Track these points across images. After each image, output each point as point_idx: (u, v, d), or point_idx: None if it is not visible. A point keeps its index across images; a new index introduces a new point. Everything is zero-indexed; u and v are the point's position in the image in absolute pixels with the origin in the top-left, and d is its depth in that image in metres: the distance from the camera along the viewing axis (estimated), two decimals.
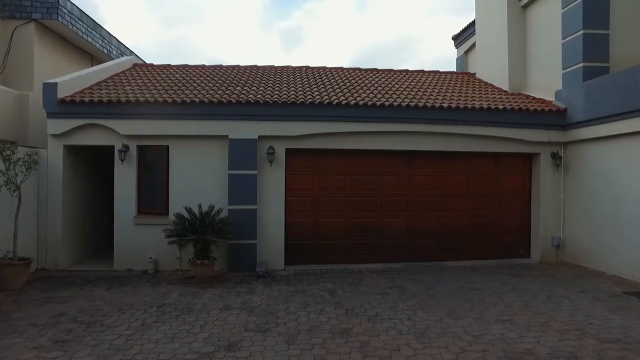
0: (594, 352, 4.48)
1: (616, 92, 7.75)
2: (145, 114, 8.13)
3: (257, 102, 8.29)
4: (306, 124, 8.46)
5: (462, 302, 6.22)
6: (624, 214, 7.70)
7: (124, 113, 8.08)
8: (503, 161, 9.42)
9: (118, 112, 8.07)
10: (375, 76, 11.49)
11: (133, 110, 8.08)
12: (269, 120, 8.39)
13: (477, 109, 8.79)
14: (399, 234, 9.11)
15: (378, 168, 9.07)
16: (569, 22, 9.15)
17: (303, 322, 5.35)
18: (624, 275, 7.65)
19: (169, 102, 8.09)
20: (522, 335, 4.94)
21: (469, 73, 13.09)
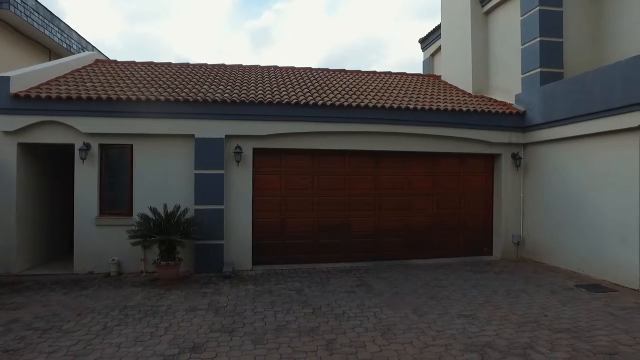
0: (547, 341, 4.70)
1: (568, 97, 8.16)
2: (108, 112, 7.87)
3: (224, 101, 8.19)
4: (274, 123, 8.44)
5: (427, 299, 6.38)
6: (577, 212, 8.10)
7: (85, 110, 7.79)
8: (466, 161, 9.72)
9: (79, 109, 7.77)
10: (343, 77, 11.59)
11: (95, 107, 7.81)
12: (236, 120, 8.31)
13: (441, 110, 9.03)
14: (366, 233, 9.23)
15: (345, 168, 9.16)
16: (527, 29, 9.56)
17: (270, 322, 5.34)
18: (576, 270, 8.06)
19: (133, 99, 7.87)
20: (483, 329, 5.11)
21: (434, 75, 13.42)
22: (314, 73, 11.85)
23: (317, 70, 12.23)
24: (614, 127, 7.16)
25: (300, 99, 8.63)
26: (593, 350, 4.48)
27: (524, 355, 4.35)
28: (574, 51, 9.45)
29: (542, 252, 9.01)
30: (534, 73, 9.29)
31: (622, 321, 5.39)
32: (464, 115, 9.18)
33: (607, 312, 5.77)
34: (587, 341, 4.72)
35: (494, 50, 11.15)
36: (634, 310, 5.83)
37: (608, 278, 7.38)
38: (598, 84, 7.45)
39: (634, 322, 5.35)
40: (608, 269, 7.39)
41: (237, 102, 8.24)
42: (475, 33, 11.35)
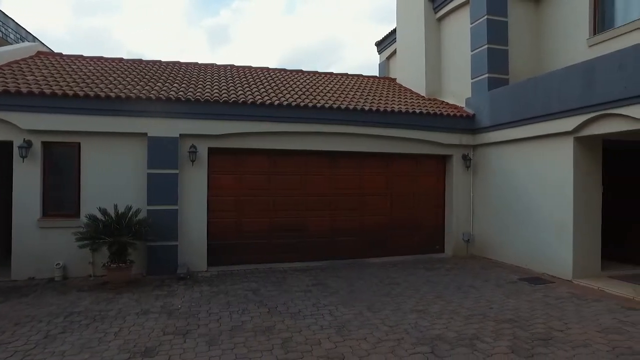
0: (492, 332, 4.97)
1: (513, 102, 8.64)
2: (52, 108, 7.44)
3: (179, 100, 8.01)
4: (230, 123, 8.33)
5: (381, 296, 6.54)
6: (520, 210, 8.59)
7: (25, 105, 7.32)
8: (420, 162, 10.04)
9: (17, 104, 7.28)
10: (300, 78, 11.64)
11: (36, 102, 7.36)
12: (191, 119, 8.14)
13: (395, 112, 9.28)
14: (322, 233, 9.32)
15: (302, 168, 9.20)
16: (476, 37, 10.04)
17: (225, 322, 5.28)
18: (520, 264, 8.55)
19: (80, 95, 7.51)
20: (434, 322, 5.32)
21: (390, 78, 13.78)
22: (270, 73, 11.81)
23: (274, 71, 12.20)
24: (552, 130, 7.67)
25: (256, 99, 8.58)
26: (531, 337, 4.79)
27: (471, 346, 4.57)
28: (518, 59, 10.05)
29: (490, 248, 9.48)
30: (482, 78, 9.77)
31: (556, 310, 5.80)
32: (418, 118, 9.49)
33: (545, 302, 6.17)
34: (526, 329, 5.04)
35: (446, 55, 11.61)
36: (567, 299, 6.30)
37: (547, 271, 7.88)
38: (538, 91, 7.95)
39: (566, 310, 5.78)
40: (547, 263, 7.89)
41: (191, 100, 8.07)
42: (429, 38, 11.78)
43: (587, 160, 7.52)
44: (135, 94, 7.85)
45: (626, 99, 6.30)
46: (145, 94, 7.91)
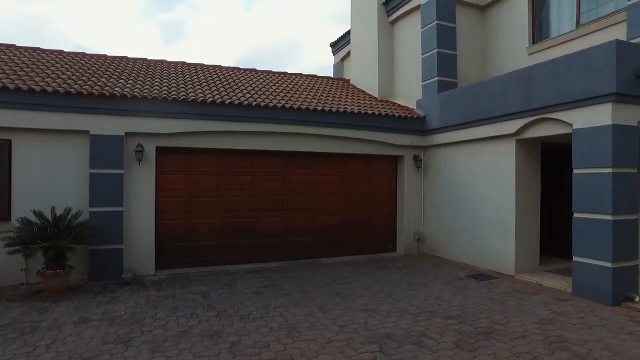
0: (439, 328, 5.11)
1: (460, 104, 8.96)
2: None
3: (124, 96, 7.64)
4: (180, 121, 8.06)
5: (333, 296, 6.56)
6: (467, 209, 8.93)
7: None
8: (372, 162, 10.18)
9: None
10: (253, 77, 11.48)
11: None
12: (138, 116, 7.79)
13: (348, 112, 9.36)
14: (276, 233, 9.23)
15: (255, 168, 9.08)
16: (426, 41, 10.33)
17: (171, 328, 5.08)
18: (467, 262, 8.88)
19: (10, 88, 6.95)
20: (383, 321, 5.38)
21: (344, 79, 13.90)
22: (223, 71, 11.57)
23: (227, 69, 11.96)
24: (495, 133, 8.03)
25: (207, 97, 8.36)
26: (475, 332, 4.96)
27: (418, 343, 4.67)
28: (466, 63, 10.45)
29: (440, 247, 9.78)
30: (432, 81, 10.07)
31: (499, 304, 6.06)
32: (370, 118, 9.62)
33: (489, 297, 6.44)
34: (471, 324, 5.22)
35: (399, 58, 11.87)
36: (509, 294, 6.60)
37: (492, 267, 8.24)
38: (483, 95, 8.30)
39: (507, 304, 6.05)
40: (492, 260, 8.25)
41: (138, 97, 7.73)
42: (382, 41, 11.99)
43: (528, 161, 7.93)
44: (75, 89, 7.39)
45: (559, 104, 6.71)
46: (87, 89, 7.47)
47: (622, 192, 6.12)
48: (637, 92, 6.16)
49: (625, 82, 6.03)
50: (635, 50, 6.26)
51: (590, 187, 6.32)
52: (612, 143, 6.03)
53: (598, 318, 5.48)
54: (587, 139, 6.36)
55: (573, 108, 6.55)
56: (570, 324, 5.26)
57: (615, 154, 6.05)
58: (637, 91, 6.16)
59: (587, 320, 5.37)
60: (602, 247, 6.14)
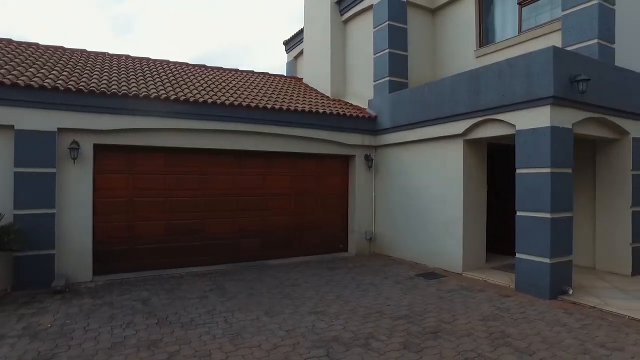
0: (387, 329, 5.06)
1: (411, 105, 9.06)
2: None
3: (56, 88, 7.04)
4: (121, 117, 7.56)
5: (281, 299, 6.38)
6: (417, 208, 9.04)
7: None
8: (324, 162, 10.09)
9: None
10: (203, 73, 11.07)
11: None
12: (73, 111, 7.20)
13: (299, 111, 9.20)
14: (225, 235, 8.92)
15: (203, 167, 8.71)
16: (378, 41, 10.38)
17: (104, 340, 4.69)
18: (417, 261, 8.99)
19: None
20: (331, 324, 5.27)
21: (296, 78, 13.74)
22: (170, 66, 11.07)
23: (175, 64, 11.46)
24: (444, 133, 8.17)
25: (151, 92, 7.91)
26: (423, 332, 4.96)
27: (366, 345, 4.59)
28: (417, 64, 10.62)
29: (391, 246, 9.85)
30: (383, 81, 10.14)
31: (446, 302, 6.13)
32: (322, 117, 9.52)
33: (437, 295, 6.50)
34: (419, 324, 5.22)
35: (351, 57, 11.87)
36: (456, 292, 6.71)
37: (441, 266, 8.38)
38: (432, 95, 8.42)
39: (455, 302, 6.14)
40: (441, 258, 8.39)
41: (73, 90, 7.15)
42: (335, 40, 11.95)
43: (475, 161, 8.13)
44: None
45: (504, 106, 6.92)
46: (11, 79, 6.81)
47: (559, 191, 6.39)
48: (572, 96, 6.46)
49: (561, 86, 6.29)
50: (570, 56, 6.57)
51: (531, 186, 6.55)
52: (550, 144, 6.27)
53: (537, 312, 5.67)
54: (528, 139, 6.58)
55: (516, 110, 6.77)
56: (513, 319, 5.39)
57: (553, 155, 6.29)
58: (572, 95, 6.46)
59: (528, 315, 5.54)
60: (541, 244, 6.37)
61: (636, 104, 7.70)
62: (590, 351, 4.42)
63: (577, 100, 6.56)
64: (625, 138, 7.78)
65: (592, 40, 7.39)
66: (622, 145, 7.83)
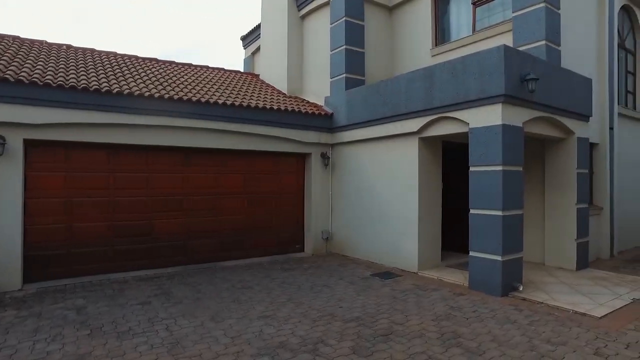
0: (337, 332, 4.86)
1: (366, 102, 8.94)
2: None
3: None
4: (56, 110, 6.95)
5: (230, 303, 6.06)
6: (373, 207, 8.93)
7: None
8: (279, 160, 9.81)
9: None
10: (153, 66, 10.51)
11: None
12: None
13: (252, 107, 8.88)
14: (174, 236, 8.46)
15: (150, 165, 8.22)
16: (335, 37, 10.22)
17: (21, 357, 4.20)
18: (374, 260, 8.88)
19: None
20: (280, 328, 5.01)
21: (253, 74, 13.37)
22: (118, 58, 10.42)
23: (122, 56, 10.80)
24: (400, 131, 8.10)
25: (92, 84, 7.35)
26: (374, 334, 4.80)
27: (314, 351, 4.37)
28: (374, 62, 10.54)
29: (348, 246, 9.70)
30: (340, 78, 9.98)
31: (400, 303, 6.02)
32: (276, 114, 9.23)
33: (391, 296, 6.39)
34: (370, 326, 5.06)
35: (308, 54, 11.64)
36: (410, 292, 6.62)
37: (397, 265, 8.31)
38: (388, 93, 8.34)
39: (408, 302, 6.03)
40: (397, 257, 8.32)
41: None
42: (292, 36, 11.68)
43: (430, 159, 8.11)
44: None
45: (457, 103, 6.91)
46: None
47: (510, 189, 6.44)
48: (522, 95, 6.53)
49: (512, 85, 6.34)
50: (520, 56, 6.63)
51: (483, 184, 6.56)
52: (502, 142, 6.30)
53: (488, 310, 5.66)
54: (481, 137, 6.59)
55: (469, 107, 6.77)
56: (465, 318, 5.34)
57: (505, 153, 6.33)
58: (523, 94, 6.53)
59: (480, 314, 5.51)
60: (494, 242, 6.40)
61: (580, 104, 7.95)
62: (537, 347, 4.41)
63: (527, 100, 6.65)
64: (571, 137, 8.00)
65: (540, 42, 7.54)
66: (568, 144, 8.05)
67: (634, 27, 11.10)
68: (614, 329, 4.96)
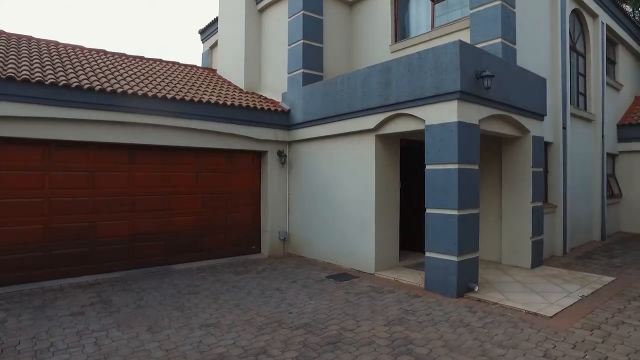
0: (282, 341, 4.55)
1: (323, 99, 8.66)
2: None
3: None
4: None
5: (172, 310, 5.63)
6: (330, 207, 8.67)
7: None
8: (234, 158, 9.39)
9: None
10: (100, 57, 9.82)
11: None
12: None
13: (204, 102, 8.41)
14: (119, 239, 7.90)
15: (91, 163, 7.63)
16: (293, 31, 9.89)
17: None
18: (331, 261, 8.63)
19: None
20: (221, 338, 4.65)
21: (210, 69, 12.84)
22: (60, 48, 9.67)
23: (65, 46, 10.04)
24: (356, 128, 7.87)
25: (21, 74, 6.70)
26: (322, 342, 4.52)
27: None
28: (333, 57, 10.29)
29: (305, 246, 9.40)
30: (297, 73, 9.66)
31: (353, 307, 5.77)
32: (230, 110, 8.80)
33: (345, 299, 6.13)
34: (318, 334, 4.77)
35: (266, 48, 11.26)
36: (365, 294, 6.38)
37: (354, 266, 8.08)
38: (345, 89, 8.09)
39: (361, 306, 5.79)
40: (354, 258, 8.09)
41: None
42: (250, 29, 11.27)
43: (388, 157, 7.92)
44: None
45: (413, 100, 6.74)
46: None
47: (466, 188, 6.31)
48: (478, 92, 6.43)
49: (468, 81, 6.22)
50: (476, 52, 6.53)
51: (439, 182, 6.42)
52: (458, 140, 6.17)
53: (443, 312, 5.50)
54: (437, 135, 6.44)
55: (425, 104, 6.61)
56: (418, 322, 5.14)
57: (461, 151, 6.20)
58: (478, 91, 6.43)
59: (434, 317, 5.33)
60: (449, 242, 6.26)
61: (535, 103, 7.98)
62: (488, 352, 4.26)
63: (483, 97, 6.56)
64: (526, 136, 8.02)
65: (496, 39, 7.50)
66: (523, 143, 8.07)
67: (584, 31, 11.37)
68: (563, 328, 4.90)
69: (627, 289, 6.58)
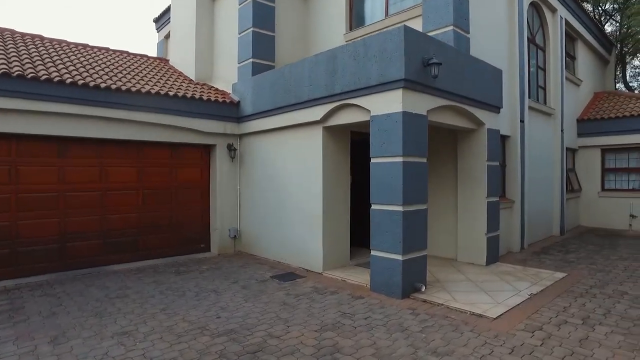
0: (199, 351, 4.12)
1: (272, 89, 8.21)
2: None
3: None
4: None
5: (90, 317, 5.12)
6: (279, 203, 8.25)
7: None
8: (179, 152, 8.84)
9: None
10: (35, 44, 9.08)
11: None
12: None
13: (143, 93, 7.83)
14: (47, 239, 7.28)
15: (14, 157, 6.98)
16: (243, 19, 9.41)
17: None
18: (280, 260, 8.21)
19: None
20: (131, 349, 4.19)
21: (162, 59, 12.19)
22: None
23: (2, 30, 9.27)
24: (303, 120, 7.46)
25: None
26: (241, 352, 4.10)
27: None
28: (285, 46, 9.85)
29: (255, 244, 8.96)
30: (247, 63, 9.18)
31: (289, 310, 5.37)
32: (174, 101, 8.25)
33: (283, 301, 5.73)
34: (241, 341, 4.36)
35: (219, 38, 10.74)
36: (306, 296, 5.99)
37: (303, 265, 7.69)
38: (292, 79, 7.66)
39: (298, 309, 5.39)
40: (302, 257, 7.70)
41: None
42: (201, 18, 10.72)
43: (337, 150, 7.55)
44: None
45: (358, 89, 6.37)
46: None
47: (412, 182, 5.99)
48: (425, 81, 6.09)
49: (414, 69, 5.88)
50: (423, 39, 6.19)
51: (384, 177, 6.07)
52: (403, 131, 5.82)
53: (383, 316, 5.15)
54: (382, 126, 6.09)
55: (370, 94, 6.25)
56: (353, 327, 4.78)
57: (406, 142, 5.86)
58: (426, 80, 6.10)
59: (372, 321, 4.98)
60: (394, 240, 5.93)
61: (490, 95, 7.73)
62: None
63: (431, 86, 6.23)
64: (481, 129, 7.78)
65: (448, 27, 7.20)
66: (478, 136, 7.83)
67: (543, 25, 11.26)
68: (505, 330, 4.63)
69: (576, 285, 6.40)
